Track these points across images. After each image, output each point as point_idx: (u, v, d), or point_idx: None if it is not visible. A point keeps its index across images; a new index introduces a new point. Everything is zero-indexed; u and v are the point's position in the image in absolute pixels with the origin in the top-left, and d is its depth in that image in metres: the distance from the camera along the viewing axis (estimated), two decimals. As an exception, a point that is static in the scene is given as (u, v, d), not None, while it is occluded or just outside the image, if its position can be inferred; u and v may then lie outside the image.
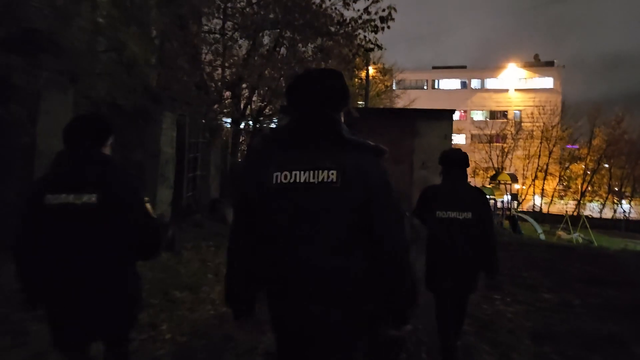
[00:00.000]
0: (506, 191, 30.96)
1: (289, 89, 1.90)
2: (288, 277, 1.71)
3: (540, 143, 43.17)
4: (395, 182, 1.81)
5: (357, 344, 1.76)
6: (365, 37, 10.98)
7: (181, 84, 7.35)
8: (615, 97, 48.49)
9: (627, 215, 44.49)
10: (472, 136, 49.12)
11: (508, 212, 26.90)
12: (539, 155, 43.10)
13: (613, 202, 44.61)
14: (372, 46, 11.02)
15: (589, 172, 42.98)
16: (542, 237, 25.26)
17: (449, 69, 58.82)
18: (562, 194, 43.90)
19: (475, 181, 35.92)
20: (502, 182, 30.65)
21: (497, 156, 43.92)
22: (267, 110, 12.36)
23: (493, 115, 53.94)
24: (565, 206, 42.46)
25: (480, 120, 51.32)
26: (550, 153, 42.84)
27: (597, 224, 34.45)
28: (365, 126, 11.52)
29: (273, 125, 12.64)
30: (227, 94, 11.72)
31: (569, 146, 44.70)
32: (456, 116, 33.65)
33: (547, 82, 54.93)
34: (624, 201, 44.85)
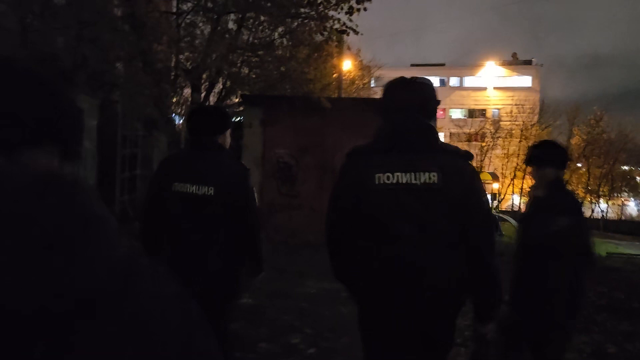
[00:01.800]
0: (486, 191, 30.07)
1: (384, 94, 2.08)
2: (395, 268, 1.81)
3: (520, 142, 42.96)
4: None
5: (451, 323, 1.90)
6: (339, 20, 9.68)
7: (111, 61, 5.86)
8: (593, 97, 48.43)
9: (604, 214, 44.52)
10: (451, 134, 48.66)
11: (489, 213, 25.92)
12: (518, 154, 42.87)
13: (591, 202, 44.57)
14: (345, 28, 9.69)
15: (566, 172, 42.67)
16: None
17: (428, 67, 58.39)
18: (541, 193, 43.52)
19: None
20: (483, 181, 29.65)
21: (476, 155, 43.55)
22: (228, 101, 10.95)
23: (472, 113, 53.74)
24: (543, 205, 42.30)
25: (459, 119, 51.07)
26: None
27: (576, 223, 34.01)
28: (340, 118, 10.21)
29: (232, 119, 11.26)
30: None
31: (546, 145, 44.42)
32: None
33: (526, 80, 55.06)
34: (601, 200, 44.84)
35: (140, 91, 6.11)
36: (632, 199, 50.41)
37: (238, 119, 10.75)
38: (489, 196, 31.35)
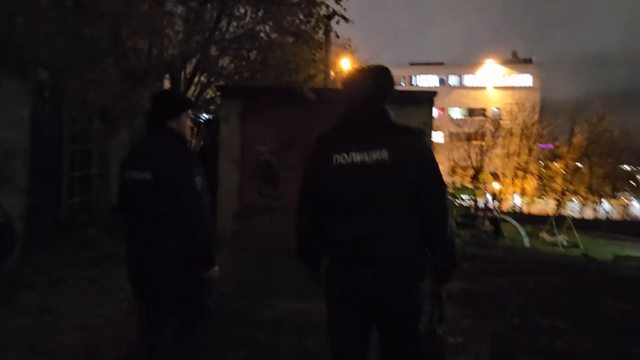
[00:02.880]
0: (486, 191, 29.24)
1: (343, 84, 2.34)
2: (356, 240, 2.02)
3: (520, 141, 42.32)
4: None
5: (415, 289, 2.05)
6: (327, 6, 8.76)
7: (51, 38, 4.84)
8: (595, 96, 47.55)
9: (609, 215, 43.70)
10: (451, 134, 47.97)
11: (490, 214, 25.03)
12: (519, 154, 42.24)
13: (594, 202, 43.85)
14: (333, 14, 8.75)
15: (568, 172, 42.06)
16: (527, 240, 23.53)
17: (427, 66, 57.75)
18: (542, 193, 42.95)
19: (455, 180, 34.20)
20: (484, 181, 28.90)
21: (476, 154, 42.89)
22: (205, 95, 10.00)
23: (471, 112, 53.01)
24: (545, 206, 41.71)
25: (459, 118, 50.49)
26: (530, 151, 42.00)
27: (579, 224, 33.26)
28: (326, 111, 9.24)
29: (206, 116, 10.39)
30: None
31: (543, 146, 43.80)
32: (434, 111, 31.90)
33: (526, 79, 54.38)
34: (604, 200, 44.08)
35: (77, 73, 5.12)
36: (634, 199, 49.62)
37: (208, 117, 9.79)
38: (489, 196, 30.57)
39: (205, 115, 10.87)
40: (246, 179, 9.15)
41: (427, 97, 9.19)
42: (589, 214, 43.28)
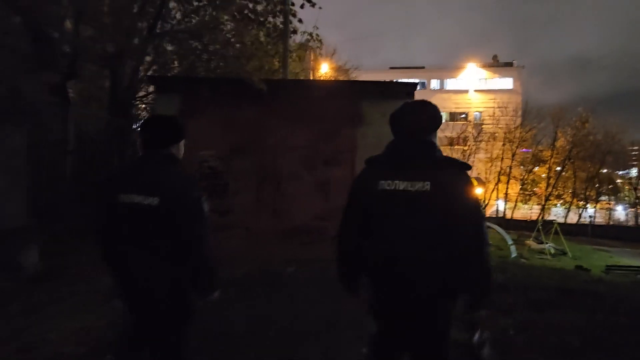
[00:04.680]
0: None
1: (392, 117, 2.42)
2: (391, 262, 2.15)
3: (503, 145, 41.58)
4: (327, 193, 3.37)
5: (445, 313, 2.17)
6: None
7: None
8: (577, 99, 47.42)
9: (592, 220, 43.13)
10: (432, 138, 46.92)
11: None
12: (502, 158, 41.48)
13: (578, 207, 43.31)
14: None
15: (552, 176, 41.46)
16: (514, 249, 22.37)
17: (408, 70, 56.85)
18: (527, 198, 42.28)
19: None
20: (468, 187, 27.57)
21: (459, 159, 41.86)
22: (142, 89, 8.35)
23: (453, 116, 52.22)
24: (529, 211, 41.15)
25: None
26: (513, 155, 41.29)
27: (563, 229, 32.50)
28: (284, 108, 7.65)
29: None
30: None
31: (523, 150, 43.17)
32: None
33: (507, 82, 53.74)
34: (588, 205, 43.55)
35: None
36: (614, 203, 49.23)
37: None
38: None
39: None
40: (187, 191, 7.50)
41: (405, 91, 7.67)
42: (573, 218, 42.82)
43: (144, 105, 9.33)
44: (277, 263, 7.13)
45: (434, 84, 56.05)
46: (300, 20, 8.44)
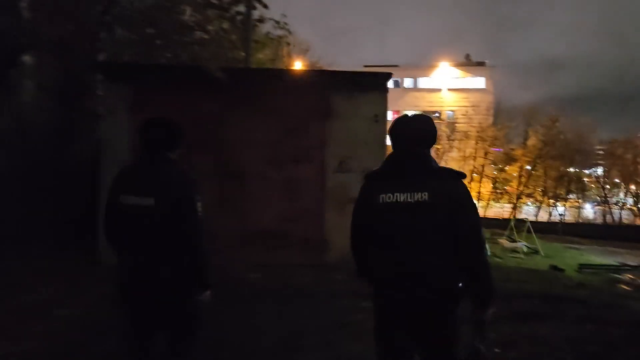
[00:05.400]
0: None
1: (390, 130, 2.47)
2: (396, 270, 2.26)
3: (476, 144, 41.79)
4: (295, 192, 3.46)
5: (450, 316, 2.25)
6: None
7: None
8: (548, 100, 47.97)
9: (562, 218, 43.72)
10: (406, 137, 46.87)
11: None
12: (475, 157, 41.69)
13: (548, 205, 43.85)
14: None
15: (523, 175, 41.85)
16: (487, 247, 22.19)
17: (381, 68, 56.59)
18: (499, 197, 42.62)
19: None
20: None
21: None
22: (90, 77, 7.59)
23: (426, 115, 52.21)
24: (501, 209, 41.45)
25: (414, 121, 49.68)
26: (486, 154, 41.53)
27: (535, 227, 32.75)
28: (247, 99, 7.03)
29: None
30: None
31: (495, 149, 43.52)
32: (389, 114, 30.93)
33: (479, 82, 54.00)
34: (558, 203, 44.16)
35: None
36: (582, 201, 50.07)
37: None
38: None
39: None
40: (140, 191, 6.81)
41: (379, 82, 7.13)
42: (543, 216, 43.32)
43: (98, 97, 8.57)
44: (240, 269, 6.52)
45: (408, 82, 55.98)
46: (265, 6, 7.83)
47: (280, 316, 4.78)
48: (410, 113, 2.57)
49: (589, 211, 49.58)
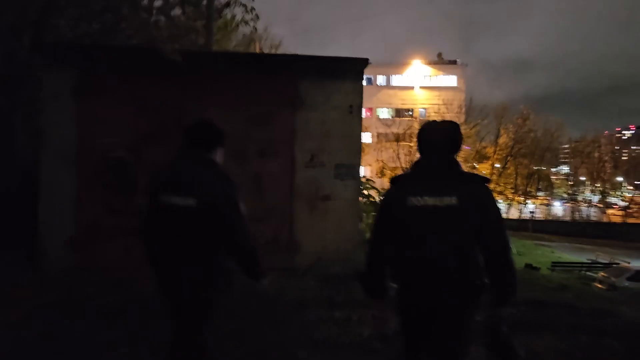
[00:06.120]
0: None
1: (419, 136, 2.55)
2: (421, 271, 2.36)
3: (449, 141, 41.68)
4: (262, 189, 3.22)
5: (471, 316, 2.37)
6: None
7: None
8: (518, 99, 48.57)
9: (533, 215, 44.20)
10: (379, 135, 46.77)
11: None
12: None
13: (519, 203, 44.26)
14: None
15: (494, 172, 42.13)
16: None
17: (354, 65, 56.22)
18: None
19: (383, 181, 32.53)
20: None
21: (405, 155, 41.94)
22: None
23: (399, 113, 52.07)
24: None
25: (387, 118, 49.53)
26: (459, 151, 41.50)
27: (506, 224, 33.01)
28: (210, 86, 6.35)
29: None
30: None
31: (465, 147, 43.73)
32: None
33: (451, 80, 54.14)
34: (529, 201, 44.62)
35: None
36: (550, 199, 50.81)
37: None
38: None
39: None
40: (86, 188, 6.06)
41: (354, 69, 6.53)
42: (514, 214, 43.70)
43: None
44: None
45: (381, 80, 55.72)
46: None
47: (239, 331, 4.15)
48: (438, 119, 2.72)
49: (558, 208, 50.38)
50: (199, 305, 2.61)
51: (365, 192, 8.37)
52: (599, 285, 15.74)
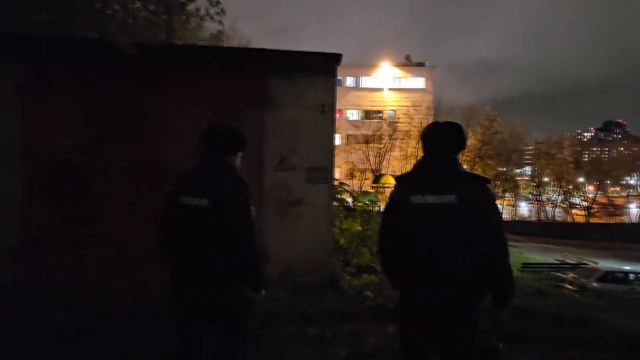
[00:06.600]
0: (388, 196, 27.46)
1: (422, 136, 2.66)
2: (421, 267, 2.44)
3: (417, 143, 42.02)
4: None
5: (474, 312, 2.39)
6: None
7: None
8: (485, 101, 49.37)
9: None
10: (348, 136, 46.71)
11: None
12: (416, 156, 41.91)
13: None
14: None
15: None
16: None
17: (323, 66, 55.92)
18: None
19: (353, 183, 32.36)
20: (386, 185, 27.03)
21: (375, 157, 42.00)
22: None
23: (368, 114, 52.08)
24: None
25: (356, 120, 49.53)
26: (427, 153, 41.81)
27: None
28: (170, 82, 5.87)
29: None
30: None
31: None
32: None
33: (419, 82, 54.48)
34: (496, 202, 45.21)
35: None
36: (514, 200, 51.68)
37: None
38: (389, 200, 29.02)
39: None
40: (32, 194, 5.48)
41: (326, 65, 6.16)
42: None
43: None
44: (159, 289, 5.36)
45: (350, 81, 55.63)
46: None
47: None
48: (440, 120, 2.73)
49: (524, 209, 51.28)
50: (221, 305, 2.64)
51: (339, 196, 8.02)
52: (569, 287, 15.84)
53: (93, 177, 5.60)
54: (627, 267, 19.26)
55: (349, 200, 8.40)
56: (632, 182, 61.23)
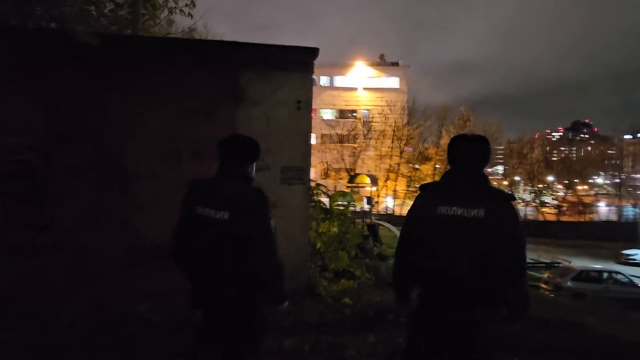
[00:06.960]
0: (364, 195, 27.32)
1: (450, 146, 2.67)
2: (440, 278, 2.44)
3: (392, 142, 42.18)
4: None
5: (485, 325, 2.42)
6: None
7: None
8: (459, 101, 50.00)
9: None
10: (323, 136, 46.55)
11: (368, 220, 22.86)
12: (391, 156, 42.06)
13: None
14: None
15: (437, 173, 42.99)
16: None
17: (297, 65, 55.58)
18: (414, 195, 43.34)
19: (327, 183, 32.20)
20: (361, 184, 26.88)
21: (350, 157, 41.95)
22: None
23: (342, 114, 52.01)
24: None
25: (331, 119, 49.39)
26: (401, 152, 42.02)
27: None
28: (135, 77, 5.48)
29: None
30: None
31: (407, 148, 44.33)
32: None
33: (394, 82, 54.66)
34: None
35: None
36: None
37: None
38: (365, 199, 28.94)
39: None
40: (-18, 197, 5.03)
41: (302, 60, 5.86)
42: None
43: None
44: (124, 298, 4.99)
45: (324, 80, 55.46)
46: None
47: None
48: (469, 133, 2.73)
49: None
50: (240, 310, 2.60)
51: (316, 197, 7.72)
52: (545, 286, 15.91)
53: (50, 178, 5.18)
54: (599, 266, 19.52)
55: (326, 201, 8.13)
56: (599, 180, 62.81)
